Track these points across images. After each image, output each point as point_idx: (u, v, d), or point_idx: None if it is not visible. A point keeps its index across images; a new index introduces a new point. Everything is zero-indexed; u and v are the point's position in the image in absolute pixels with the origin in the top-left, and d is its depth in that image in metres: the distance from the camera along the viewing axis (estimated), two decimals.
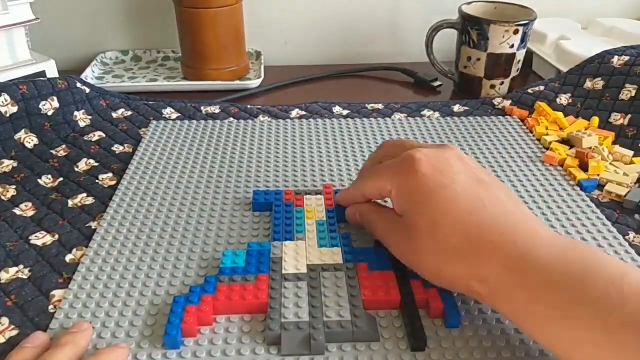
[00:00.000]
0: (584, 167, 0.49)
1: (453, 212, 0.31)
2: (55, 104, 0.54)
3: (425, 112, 0.61)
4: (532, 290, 0.28)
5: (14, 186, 0.46)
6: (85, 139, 0.53)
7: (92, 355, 0.29)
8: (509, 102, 0.62)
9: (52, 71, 0.61)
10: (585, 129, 0.54)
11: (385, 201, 0.40)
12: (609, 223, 0.42)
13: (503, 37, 0.61)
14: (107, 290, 0.35)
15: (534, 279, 0.28)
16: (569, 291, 0.27)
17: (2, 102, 0.50)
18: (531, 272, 0.28)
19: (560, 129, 0.56)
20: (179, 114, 0.59)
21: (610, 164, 0.49)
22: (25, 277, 0.36)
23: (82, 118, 0.56)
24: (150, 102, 0.60)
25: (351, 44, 0.80)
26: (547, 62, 0.70)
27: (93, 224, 0.42)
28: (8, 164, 0.49)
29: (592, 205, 0.44)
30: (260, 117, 0.59)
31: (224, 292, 0.33)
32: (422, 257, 0.32)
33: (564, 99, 0.60)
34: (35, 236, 0.40)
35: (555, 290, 0.27)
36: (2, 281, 0.36)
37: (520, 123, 0.58)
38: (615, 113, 0.56)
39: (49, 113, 0.53)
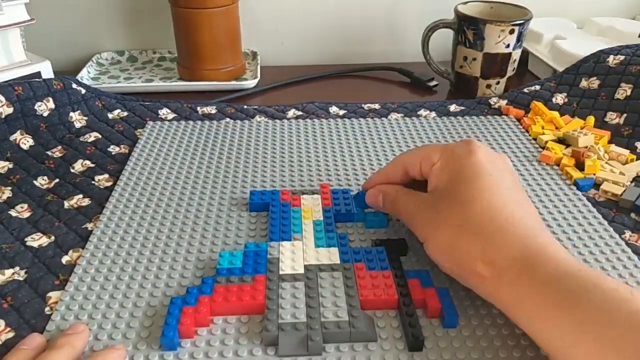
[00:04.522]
0: (580, 166, 0.49)
1: (491, 198, 0.32)
2: (51, 105, 0.53)
3: (422, 112, 0.61)
4: (542, 276, 0.28)
5: (9, 188, 0.46)
6: (81, 140, 0.53)
7: (89, 357, 0.29)
8: (505, 101, 0.62)
9: (47, 72, 0.61)
10: (581, 129, 0.54)
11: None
12: (605, 222, 0.42)
13: (499, 36, 0.61)
14: (104, 292, 0.35)
15: (545, 269, 0.29)
16: (580, 281, 0.27)
17: None
18: (544, 265, 0.29)
19: (557, 128, 0.56)
20: (175, 115, 0.59)
21: (606, 163, 0.49)
22: (21, 279, 0.36)
23: (78, 119, 0.55)
24: (146, 103, 0.60)
25: (347, 44, 0.80)
26: (543, 62, 0.70)
27: (89, 226, 0.41)
28: (4, 166, 0.49)
29: (589, 204, 0.45)
30: (257, 118, 0.59)
31: (221, 293, 0.33)
32: (440, 228, 0.33)
33: (559, 98, 0.60)
34: (32, 238, 0.40)
35: (565, 279, 0.28)
36: None
37: (517, 123, 0.58)
38: (611, 112, 0.56)
39: (45, 114, 0.53)
